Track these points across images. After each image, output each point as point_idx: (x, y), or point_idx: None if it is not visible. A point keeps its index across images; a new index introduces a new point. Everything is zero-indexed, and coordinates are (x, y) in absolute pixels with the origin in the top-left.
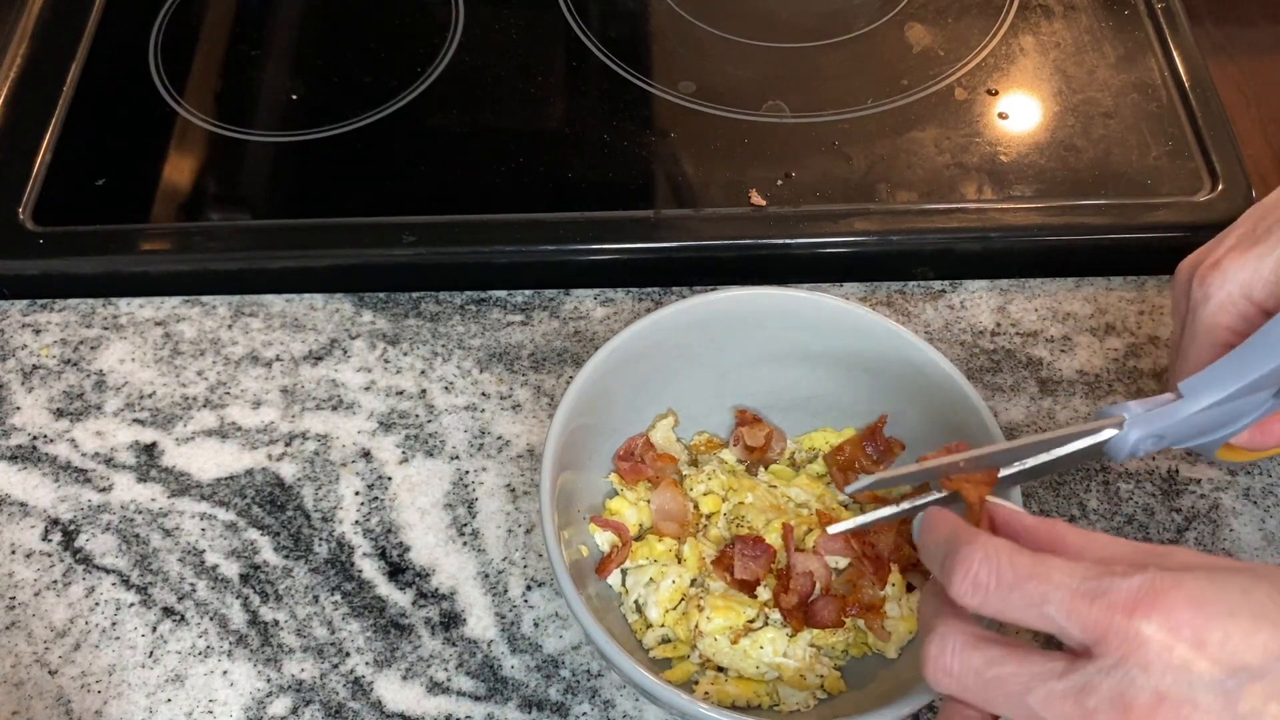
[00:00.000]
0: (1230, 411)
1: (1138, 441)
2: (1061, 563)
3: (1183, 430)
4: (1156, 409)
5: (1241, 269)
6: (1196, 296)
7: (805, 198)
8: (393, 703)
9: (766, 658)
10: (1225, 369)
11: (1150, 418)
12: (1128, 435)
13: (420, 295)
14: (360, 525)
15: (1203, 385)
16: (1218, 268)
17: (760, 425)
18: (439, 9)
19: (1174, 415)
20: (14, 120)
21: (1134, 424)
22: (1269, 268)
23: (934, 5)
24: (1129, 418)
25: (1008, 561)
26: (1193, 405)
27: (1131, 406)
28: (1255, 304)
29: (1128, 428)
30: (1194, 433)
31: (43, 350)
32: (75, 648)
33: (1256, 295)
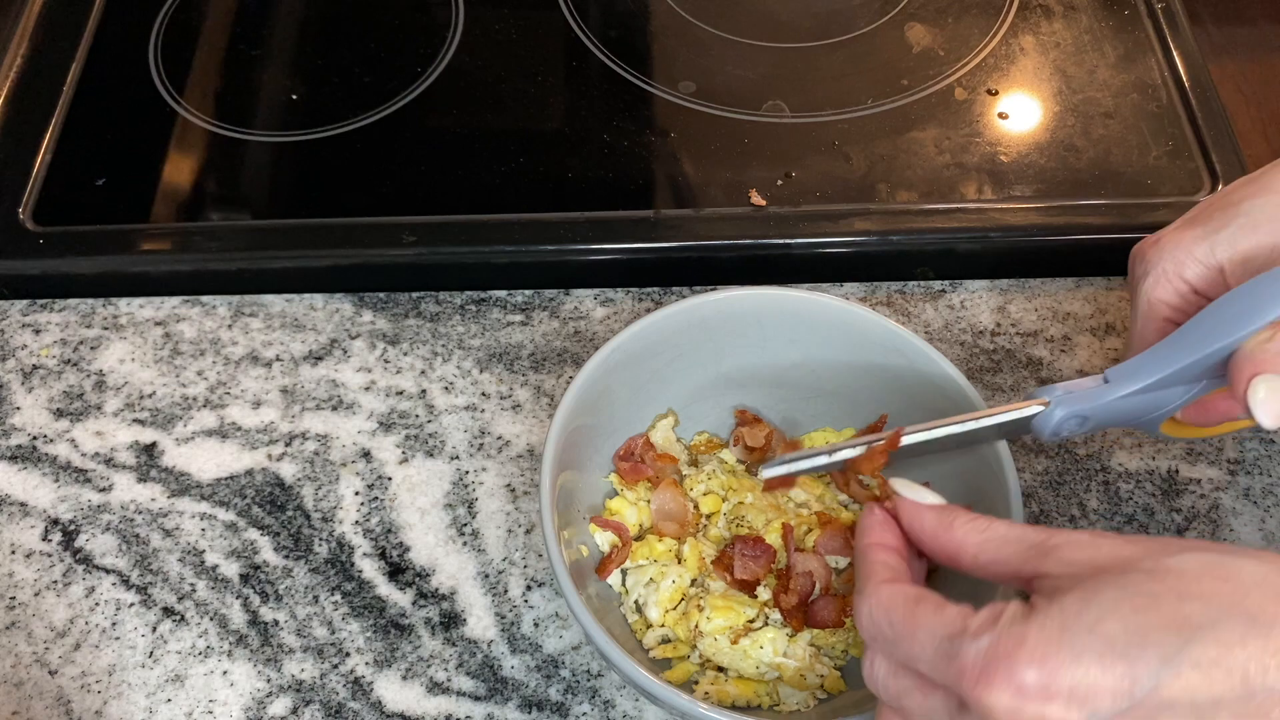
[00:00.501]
0: (1157, 399)
1: (1061, 421)
2: (928, 619)
3: (1108, 414)
4: (1080, 390)
5: (1177, 247)
6: (1138, 272)
7: (805, 198)
8: (393, 703)
9: (766, 658)
10: (1150, 360)
11: (1073, 398)
12: (1052, 413)
13: (420, 295)
14: (360, 525)
15: (1128, 373)
16: (1156, 244)
17: (760, 425)
18: (439, 9)
19: (1097, 399)
20: (14, 120)
21: (1058, 404)
22: (1202, 249)
23: (934, 5)
24: (1053, 399)
25: (885, 620)
26: (1116, 391)
27: (1057, 388)
28: (1187, 283)
29: (1053, 406)
30: (1121, 417)
31: (43, 350)
32: (75, 648)
33: (1187, 274)
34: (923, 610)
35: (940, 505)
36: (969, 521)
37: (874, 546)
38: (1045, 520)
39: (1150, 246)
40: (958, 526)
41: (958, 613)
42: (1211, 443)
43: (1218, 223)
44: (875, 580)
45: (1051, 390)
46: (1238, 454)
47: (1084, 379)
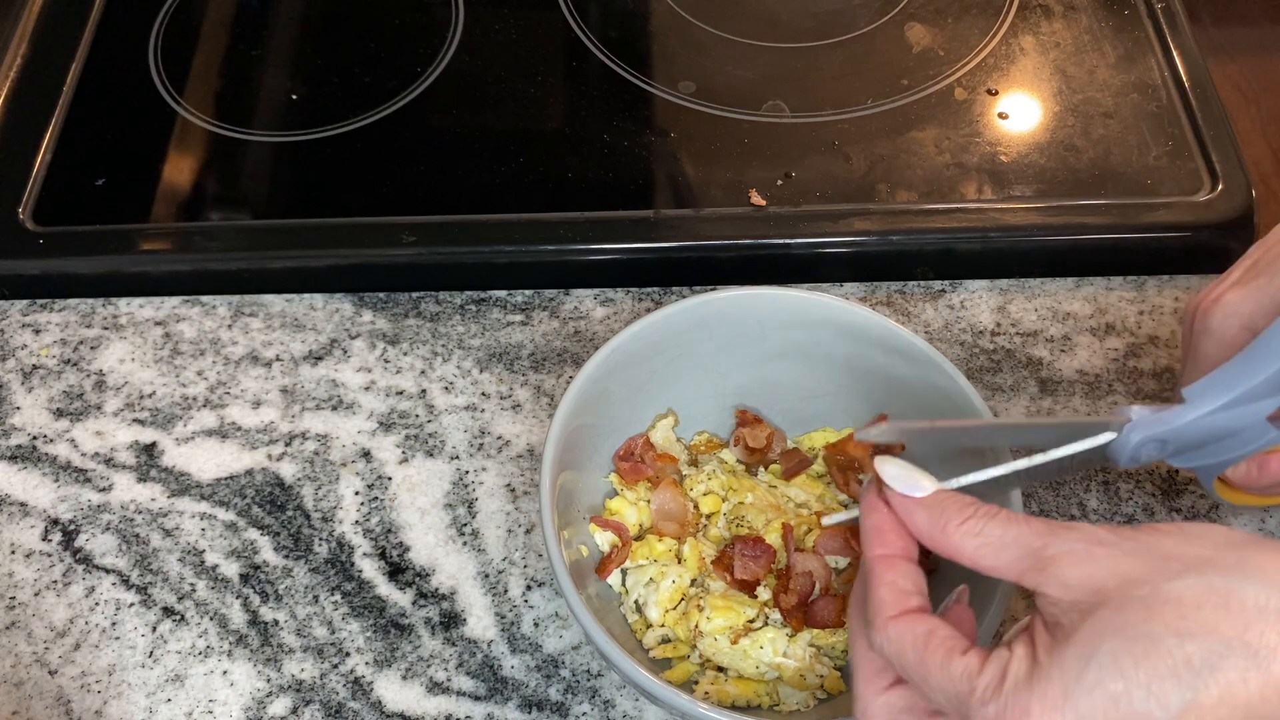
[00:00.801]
0: (1234, 422)
1: (1139, 445)
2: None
3: (1186, 437)
4: (1162, 413)
5: (1244, 303)
6: (1198, 329)
7: (805, 198)
8: (393, 703)
9: (766, 658)
10: (1229, 372)
11: (1153, 421)
12: (1129, 438)
13: (420, 295)
14: (360, 525)
15: (1207, 389)
16: (1219, 302)
17: (761, 426)
18: (439, 9)
19: (1177, 420)
20: (14, 120)
21: (1136, 427)
22: (1269, 298)
23: (934, 5)
24: (1133, 419)
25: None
26: (1196, 410)
27: (1135, 409)
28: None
29: (1129, 430)
30: (1197, 441)
31: (43, 350)
32: (75, 648)
33: (1259, 326)
34: (932, 655)
35: (933, 499)
36: (962, 524)
37: (880, 560)
38: None
39: (1213, 305)
40: (951, 531)
41: (963, 668)
42: None
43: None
44: (884, 615)
45: (1129, 410)
46: None
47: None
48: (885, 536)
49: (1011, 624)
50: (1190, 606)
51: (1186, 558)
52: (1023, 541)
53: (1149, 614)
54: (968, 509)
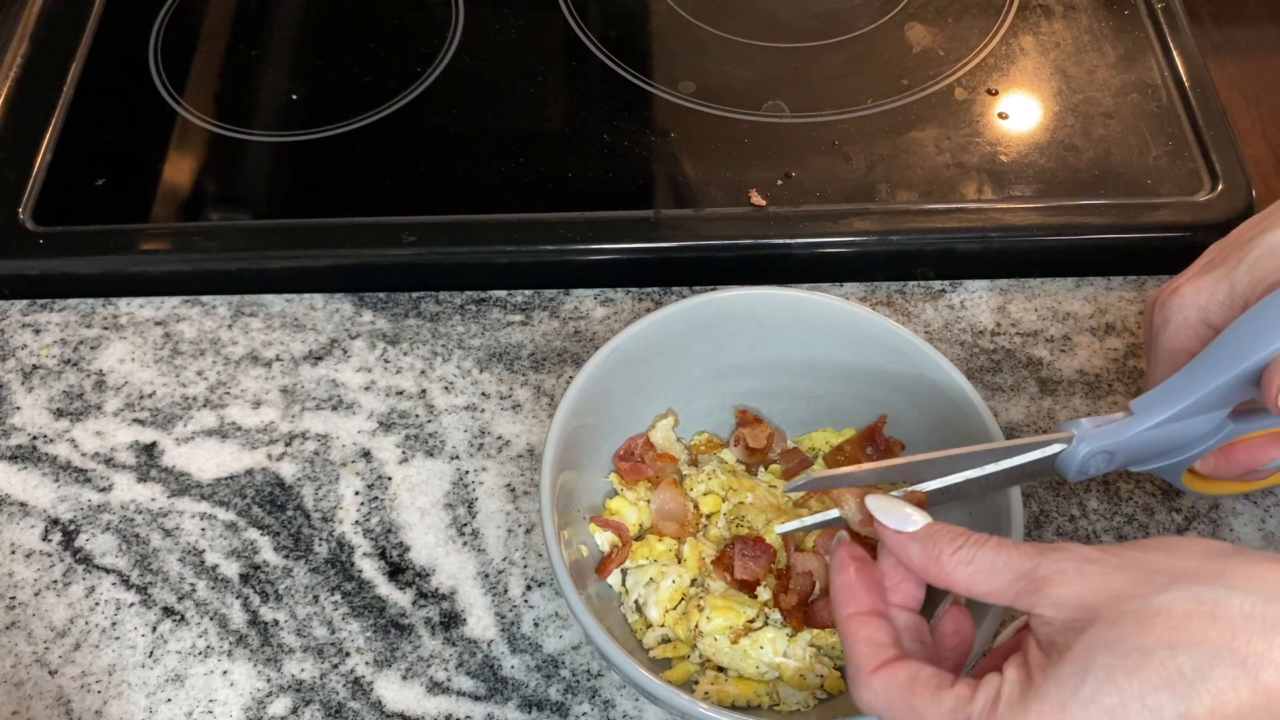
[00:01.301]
0: (1184, 432)
1: (1086, 458)
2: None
3: (1134, 449)
4: (1106, 425)
5: (1198, 293)
6: (1157, 322)
7: (805, 198)
8: (393, 703)
9: (766, 658)
10: (1174, 386)
11: (1099, 434)
12: (1076, 450)
13: (420, 295)
14: (360, 525)
15: (1152, 403)
16: (1176, 293)
17: (761, 426)
18: (439, 9)
19: (1123, 432)
20: (14, 120)
21: (1083, 440)
22: (1224, 291)
23: (934, 5)
24: (1078, 434)
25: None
26: (1142, 422)
27: (1082, 423)
28: (1212, 327)
29: (1076, 443)
30: (1148, 453)
31: (43, 350)
32: (75, 648)
33: (1213, 318)
34: (920, 697)
35: (924, 532)
36: (954, 554)
37: (853, 619)
38: (1045, 521)
39: (1170, 295)
40: (944, 561)
41: (954, 699)
42: None
43: (1233, 261)
44: (865, 671)
45: (1075, 424)
46: None
47: (1104, 415)
48: (856, 595)
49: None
50: (1179, 618)
51: (1173, 571)
52: (1014, 566)
53: (1140, 628)
54: (958, 539)
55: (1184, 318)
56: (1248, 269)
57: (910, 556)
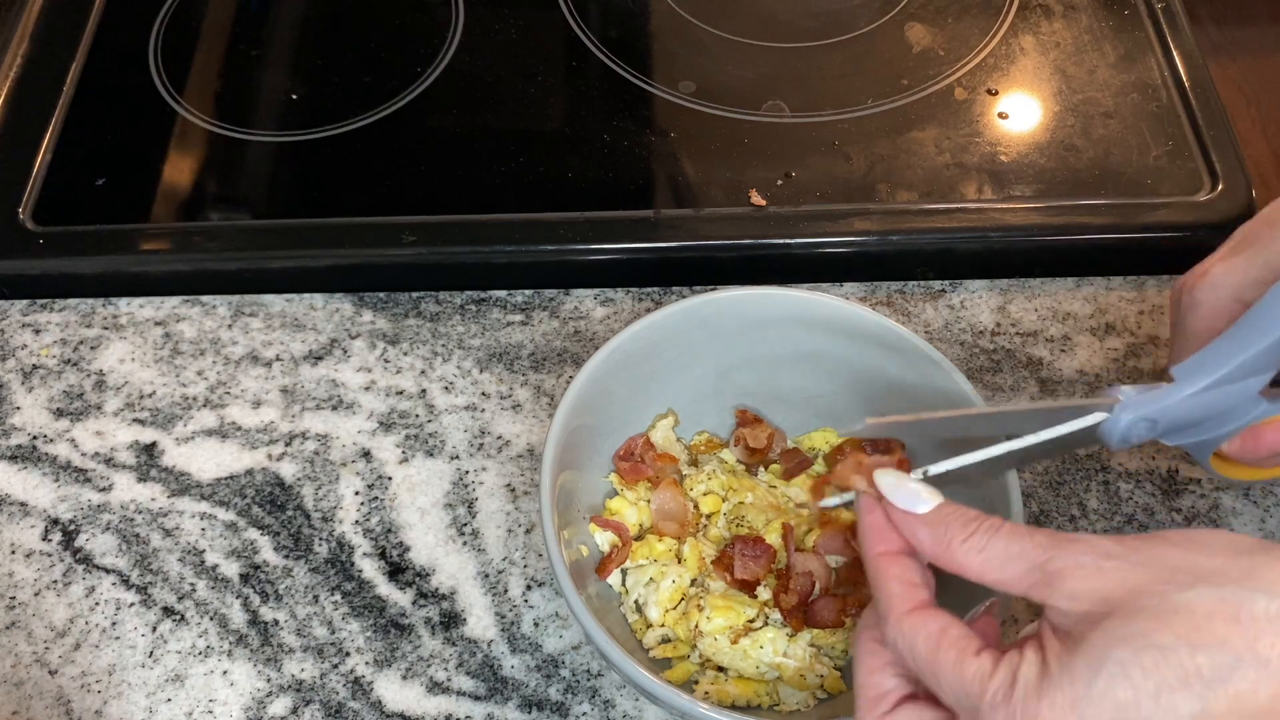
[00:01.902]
0: (1222, 401)
1: (1129, 425)
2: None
3: (1176, 416)
4: (1150, 392)
5: (1230, 274)
6: (1185, 304)
7: (805, 198)
8: (393, 703)
9: (766, 658)
10: (1216, 351)
11: (1143, 400)
12: (1119, 418)
13: (420, 295)
14: (360, 525)
15: (1195, 367)
16: (1206, 276)
17: (762, 426)
18: (439, 9)
19: (1167, 398)
20: (14, 120)
21: (1126, 407)
22: (1257, 269)
23: (934, 5)
24: (1123, 400)
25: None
26: (1186, 388)
27: (1124, 389)
28: (1246, 306)
29: (1119, 411)
30: (1188, 421)
31: (43, 350)
32: (75, 648)
33: (1247, 296)
34: (945, 653)
35: (935, 514)
36: (965, 540)
37: (883, 558)
38: (1045, 521)
39: (1199, 279)
40: (955, 546)
41: (977, 669)
42: None
43: (1265, 240)
44: (897, 610)
45: (1119, 390)
46: None
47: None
48: (885, 534)
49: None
50: (1202, 617)
51: (1196, 569)
52: (1028, 556)
53: (1158, 624)
54: (971, 524)
55: (1216, 299)
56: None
57: (920, 539)
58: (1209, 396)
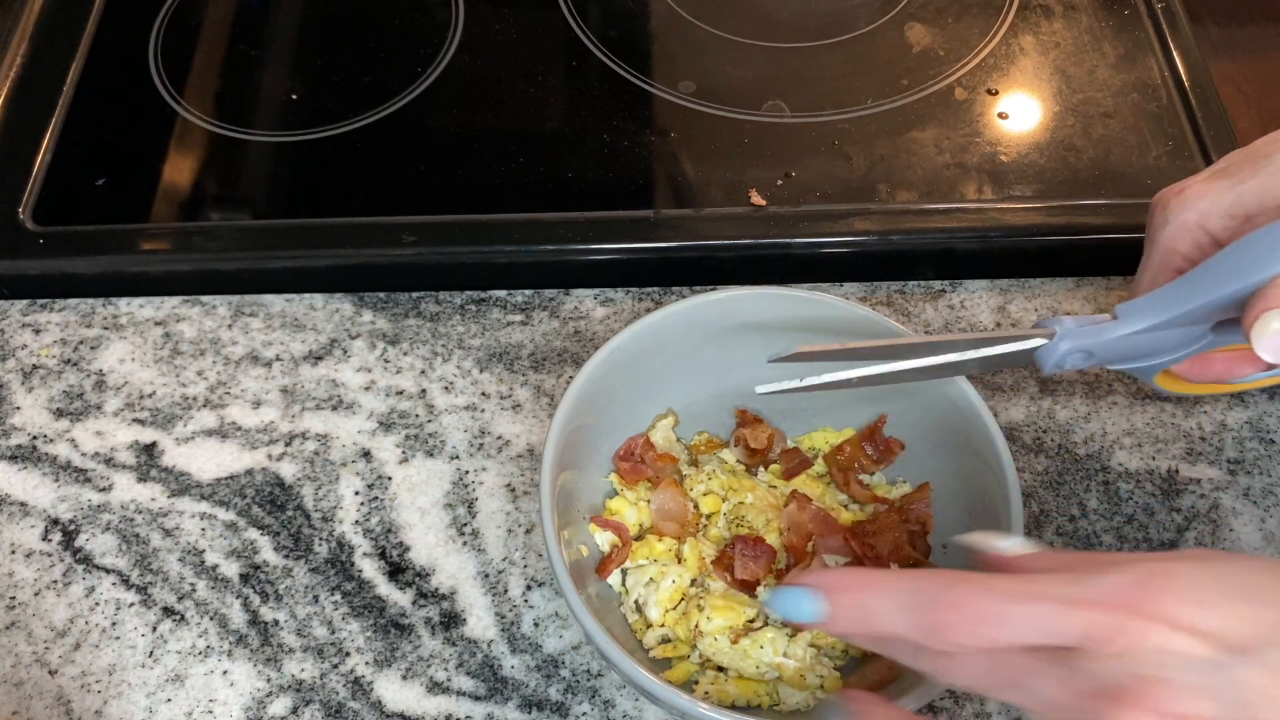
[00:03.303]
0: (1164, 340)
1: (1065, 354)
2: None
3: (1113, 350)
4: (1088, 325)
5: (1202, 198)
6: (1157, 220)
7: (805, 198)
8: (393, 703)
9: (766, 658)
10: (1162, 297)
11: (1081, 332)
12: (1056, 345)
13: (420, 295)
14: (360, 525)
15: (1138, 310)
16: (1181, 194)
17: (762, 426)
18: (439, 9)
19: (1105, 334)
20: (14, 120)
21: (1064, 336)
22: (1228, 200)
23: (934, 5)
24: (1060, 330)
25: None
26: (1125, 328)
27: (1064, 320)
28: (1209, 234)
29: (1058, 339)
30: (1126, 355)
31: (43, 350)
32: (75, 648)
33: (1211, 225)
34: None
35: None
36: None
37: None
38: (1045, 521)
39: (1174, 196)
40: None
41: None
42: (1211, 442)
43: (1245, 174)
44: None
45: (1058, 321)
46: (1238, 454)
47: (1087, 315)
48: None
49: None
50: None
51: None
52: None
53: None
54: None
55: (1183, 220)
56: (1257, 184)
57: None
58: (1149, 335)
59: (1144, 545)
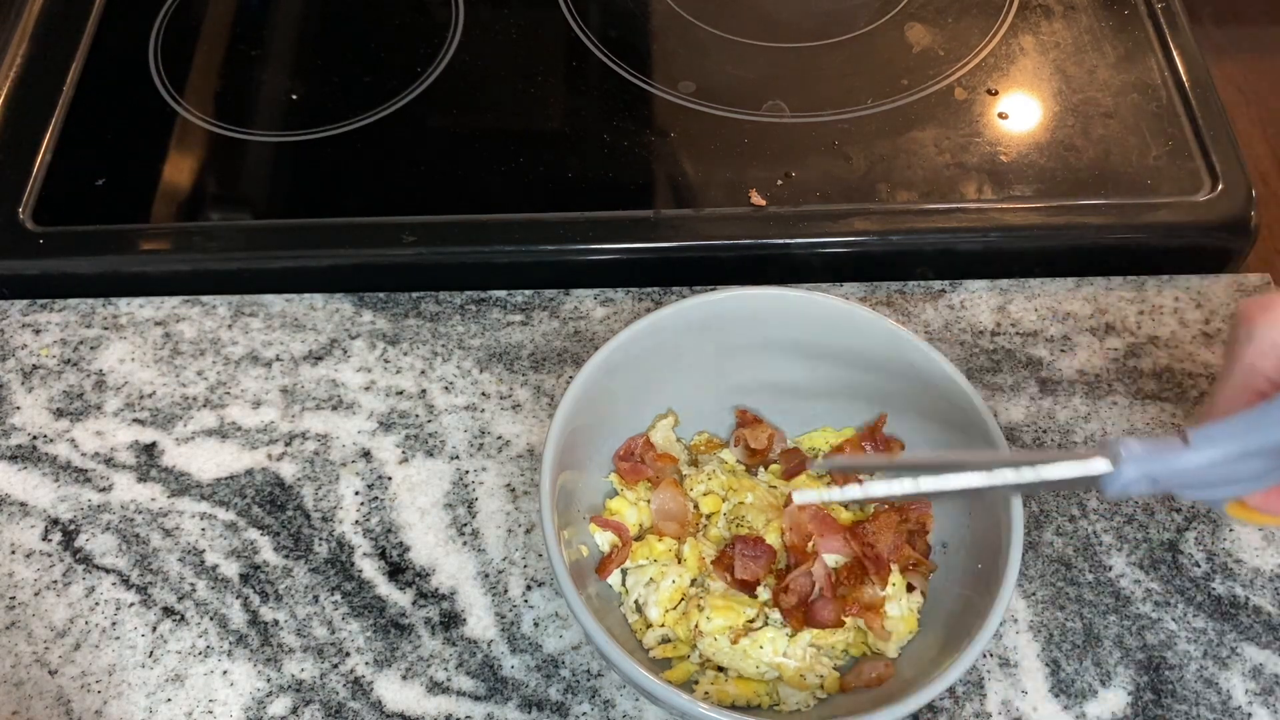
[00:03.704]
0: (1241, 470)
1: (1131, 481)
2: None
3: (1183, 480)
4: (1158, 451)
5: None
6: (1240, 335)
7: (805, 198)
8: (393, 702)
9: (766, 658)
10: (1242, 424)
11: (1149, 459)
12: (1122, 472)
13: (420, 295)
14: (360, 525)
15: (1214, 437)
16: (1266, 309)
17: (762, 426)
18: (439, 9)
19: (1175, 463)
20: (14, 120)
21: (1130, 461)
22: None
23: (934, 5)
24: (1125, 454)
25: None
26: (1197, 457)
27: (1131, 443)
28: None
29: (1123, 465)
30: (1195, 484)
31: (43, 350)
32: (75, 648)
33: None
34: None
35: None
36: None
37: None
38: (1045, 521)
39: (1260, 311)
40: None
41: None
42: None
43: None
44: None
45: (1123, 444)
46: None
47: (1156, 438)
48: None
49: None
50: None
51: None
52: None
53: None
54: None
55: (1270, 340)
56: None
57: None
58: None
59: (1144, 545)
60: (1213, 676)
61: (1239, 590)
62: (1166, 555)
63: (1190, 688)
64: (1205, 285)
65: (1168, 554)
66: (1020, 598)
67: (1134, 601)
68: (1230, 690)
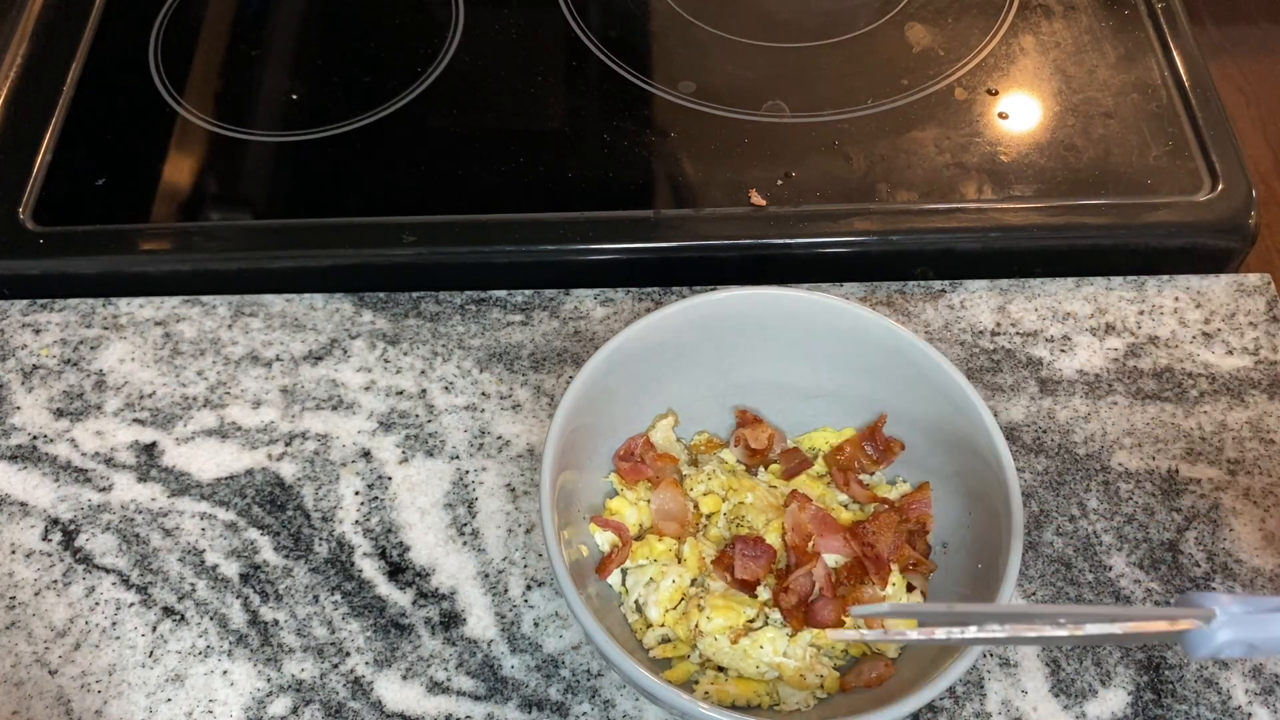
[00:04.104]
0: None
1: (1225, 644)
2: None
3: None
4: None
5: None
6: None
7: (805, 198)
8: (393, 703)
9: (766, 658)
10: None
11: (1247, 621)
12: (1214, 634)
13: (420, 295)
14: (360, 525)
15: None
16: None
17: (762, 426)
18: (439, 9)
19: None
20: (14, 120)
21: (1225, 624)
22: None
23: (934, 5)
24: (1219, 614)
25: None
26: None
27: (1224, 600)
28: None
29: (1216, 625)
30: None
31: (43, 350)
32: (75, 647)
33: None
34: None
35: None
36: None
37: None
38: (1045, 521)
39: None
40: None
41: None
42: (1211, 442)
43: None
44: None
45: (1216, 600)
46: (1238, 454)
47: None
48: None
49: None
50: None
51: None
52: None
53: None
54: None
55: None
56: None
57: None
58: None
59: (1144, 545)
60: (1213, 676)
61: (1239, 590)
62: (1166, 555)
63: (1190, 688)
64: (1205, 285)
65: (1168, 554)
66: (1020, 598)
67: (1134, 601)
68: (1230, 690)
